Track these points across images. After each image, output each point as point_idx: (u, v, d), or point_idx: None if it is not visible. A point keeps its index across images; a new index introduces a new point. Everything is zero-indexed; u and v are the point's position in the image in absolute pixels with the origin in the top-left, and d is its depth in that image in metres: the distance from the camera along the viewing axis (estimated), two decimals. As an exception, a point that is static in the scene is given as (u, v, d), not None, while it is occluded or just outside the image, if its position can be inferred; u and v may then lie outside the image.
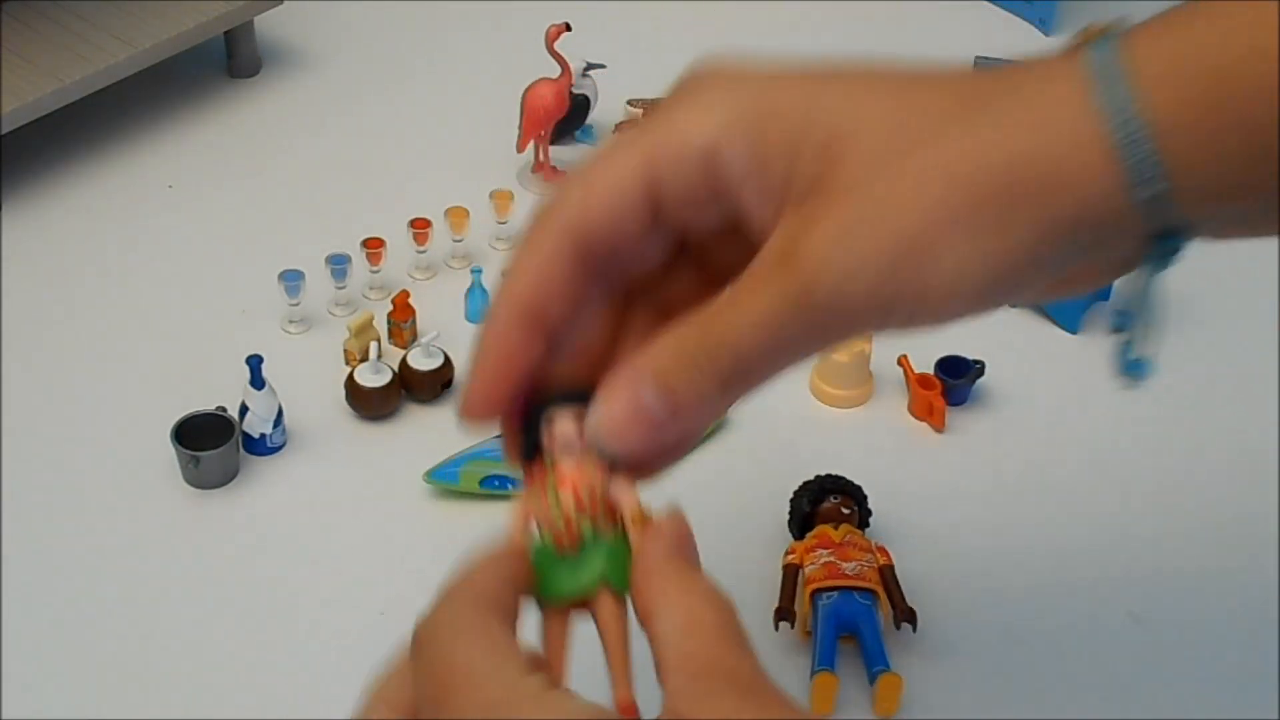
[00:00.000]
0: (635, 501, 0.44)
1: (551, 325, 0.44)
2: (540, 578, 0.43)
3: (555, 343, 0.44)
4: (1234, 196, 0.41)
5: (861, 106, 0.41)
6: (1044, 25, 1.04)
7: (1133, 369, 0.46)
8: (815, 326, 0.41)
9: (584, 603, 0.43)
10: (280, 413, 0.71)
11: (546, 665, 0.42)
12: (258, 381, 0.70)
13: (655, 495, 0.70)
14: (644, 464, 0.45)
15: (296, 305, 0.78)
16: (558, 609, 0.43)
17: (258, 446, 0.71)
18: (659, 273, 0.45)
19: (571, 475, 0.44)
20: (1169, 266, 0.44)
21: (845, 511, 0.66)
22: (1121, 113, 0.39)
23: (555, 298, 0.43)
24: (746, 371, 0.42)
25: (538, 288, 0.43)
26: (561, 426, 0.44)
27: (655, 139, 0.42)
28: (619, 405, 0.43)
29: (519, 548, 0.44)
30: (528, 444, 0.45)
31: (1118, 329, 0.45)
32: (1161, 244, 0.43)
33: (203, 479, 0.70)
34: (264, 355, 0.71)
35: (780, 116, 0.41)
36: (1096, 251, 0.42)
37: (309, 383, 0.75)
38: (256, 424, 0.70)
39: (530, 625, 0.43)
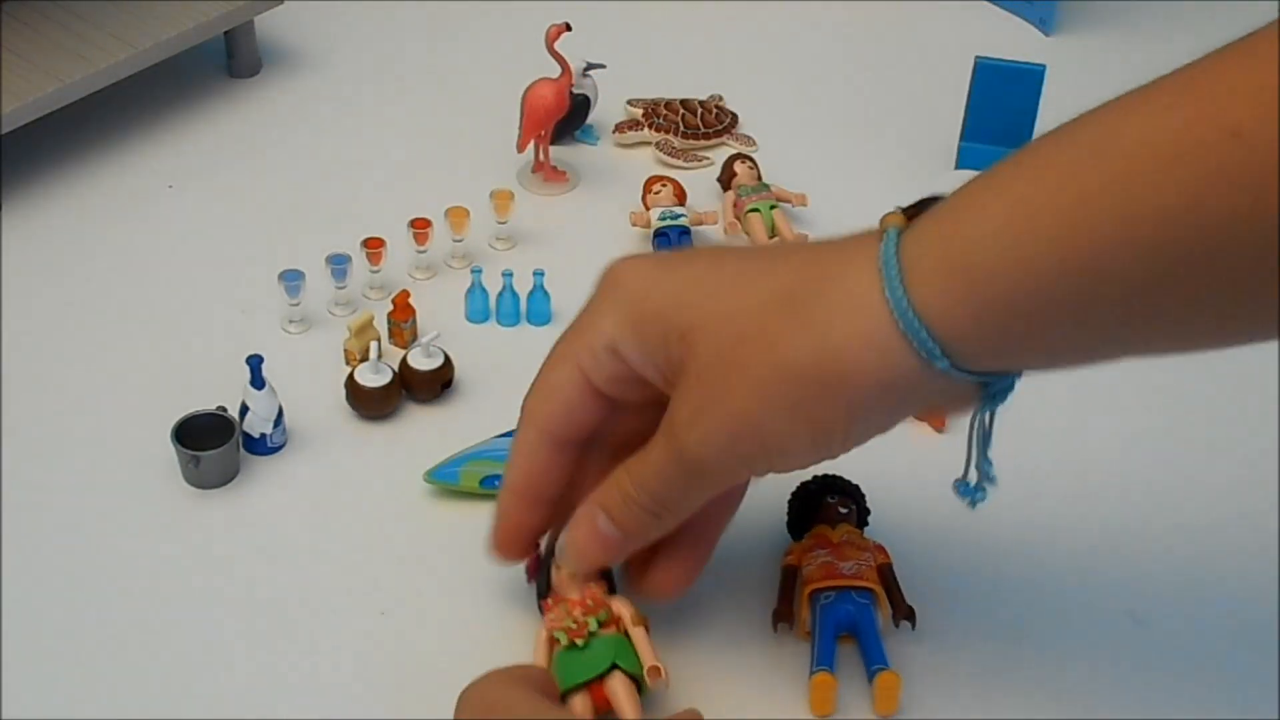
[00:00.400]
0: (633, 610, 0.60)
1: (548, 497, 0.60)
2: (563, 673, 0.58)
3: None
4: (1010, 360, 0.51)
5: (709, 302, 0.52)
6: (1044, 25, 1.04)
7: (968, 493, 0.58)
8: (696, 478, 0.54)
9: (600, 684, 0.58)
10: (280, 413, 0.71)
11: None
12: (258, 381, 0.70)
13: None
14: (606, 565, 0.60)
15: (296, 305, 0.78)
16: (579, 695, 0.58)
17: (258, 446, 0.71)
18: (606, 427, 0.59)
19: (579, 598, 0.60)
20: (1003, 402, 0.54)
21: (843, 511, 0.66)
22: (900, 305, 0.48)
23: (545, 478, 0.59)
24: (666, 508, 0.56)
25: (532, 475, 0.59)
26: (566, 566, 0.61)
27: (578, 345, 0.57)
28: (582, 534, 0.58)
29: (542, 662, 0.59)
30: (541, 586, 0.62)
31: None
32: (986, 387, 0.53)
33: (203, 479, 0.70)
34: (264, 355, 0.71)
35: (653, 317, 0.54)
36: (919, 404, 0.53)
37: (309, 383, 0.75)
38: (256, 424, 0.70)
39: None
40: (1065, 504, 0.71)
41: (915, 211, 0.51)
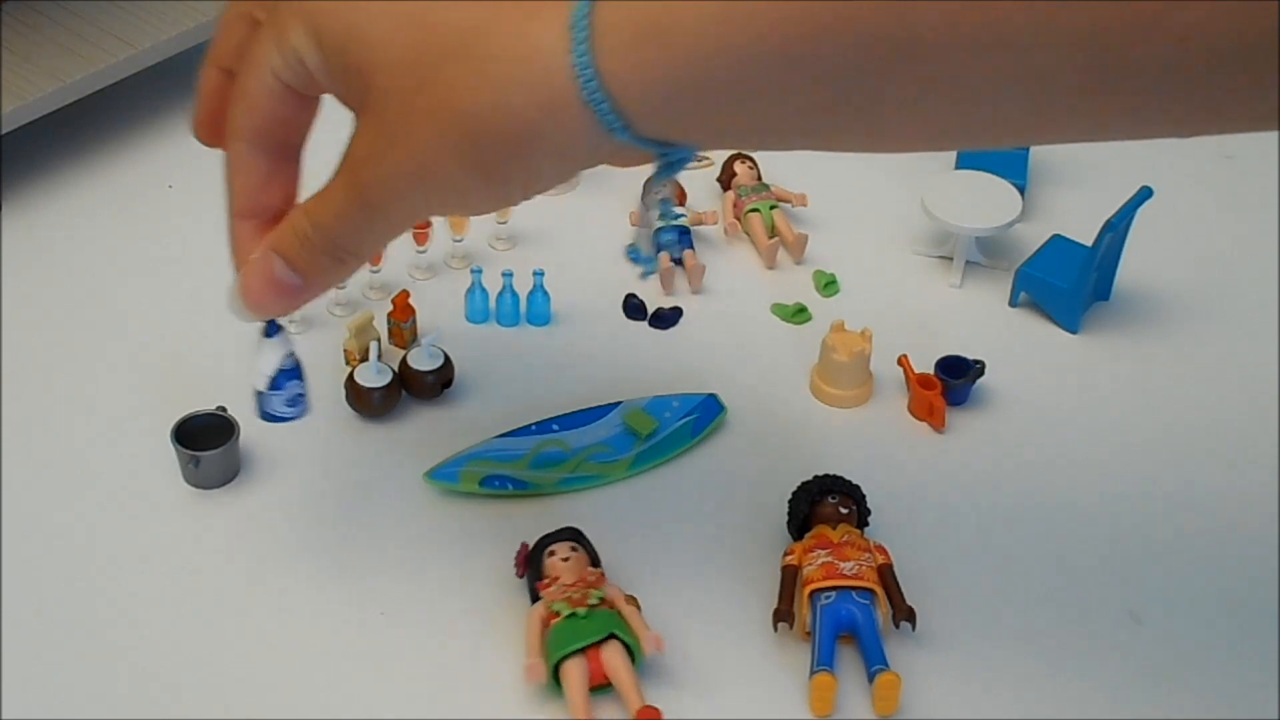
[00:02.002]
0: (621, 593, 0.63)
1: (277, 213, 0.57)
2: (561, 641, 0.60)
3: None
4: (695, 136, 0.49)
5: (389, 37, 0.49)
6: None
7: (640, 260, 0.59)
8: (377, 218, 0.53)
9: (597, 651, 0.60)
10: (290, 375, 0.65)
11: None
12: (272, 329, 0.63)
13: (655, 509, 0.70)
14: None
15: (296, 305, 0.78)
16: (575, 660, 0.60)
17: (263, 407, 0.66)
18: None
19: (572, 578, 0.63)
20: (676, 172, 0.52)
21: (844, 511, 0.66)
22: (585, 74, 0.46)
23: (268, 191, 0.57)
24: (346, 250, 0.54)
25: (254, 191, 0.57)
26: (560, 552, 0.64)
27: (269, 48, 0.53)
28: (256, 280, 0.56)
29: (535, 644, 0.61)
30: (533, 575, 0.64)
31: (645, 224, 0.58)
32: (663, 156, 0.51)
33: (203, 479, 0.70)
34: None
35: (333, 46, 0.51)
36: (599, 161, 0.51)
37: (309, 383, 0.75)
38: (256, 378, 0.64)
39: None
40: (1065, 504, 0.71)
41: None
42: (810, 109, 0.46)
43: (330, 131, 0.57)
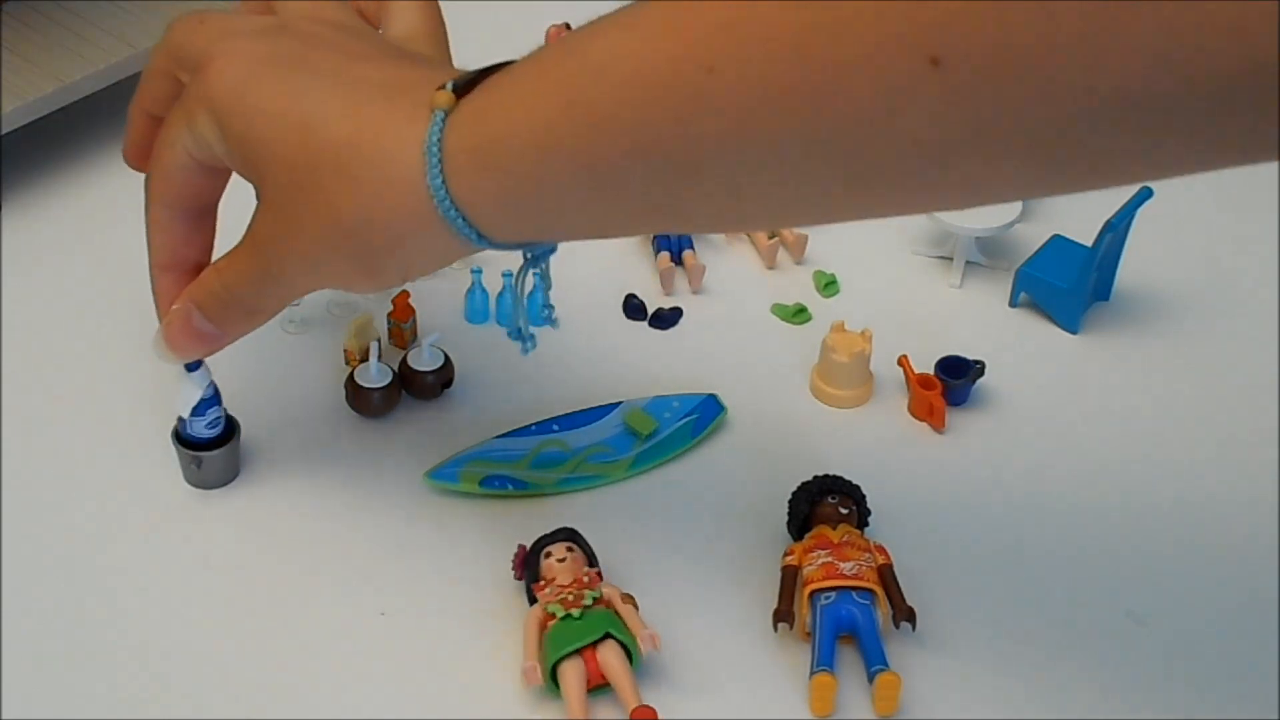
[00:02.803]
0: (618, 591, 0.63)
1: (195, 265, 0.64)
2: (557, 642, 0.60)
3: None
4: (541, 238, 0.58)
5: (276, 145, 0.56)
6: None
7: (519, 338, 0.65)
8: (280, 288, 0.60)
9: (593, 652, 0.60)
10: (207, 404, 0.68)
11: None
12: (193, 364, 0.67)
13: (655, 509, 0.70)
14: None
15: (296, 305, 0.78)
16: (571, 661, 0.60)
17: (187, 429, 0.68)
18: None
19: (568, 579, 0.63)
20: (543, 263, 0.61)
21: (844, 511, 0.66)
22: (439, 194, 0.53)
23: (188, 248, 0.64)
24: (256, 309, 0.62)
25: (175, 249, 0.63)
26: (556, 554, 0.64)
27: (182, 130, 0.59)
28: (177, 328, 0.63)
29: (533, 645, 0.62)
30: (530, 575, 0.64)
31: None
32: (528, 253, 0.60)
33: (204, 479, 0.70)
34: (262, 355, 0.71)
35: (234, 140, 0.57)
36: (469, 254, 0.57)
37: (309, 383, 0.75)
38: (179, 406, 0.68)
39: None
40: (1065, 504, 0.71)
41: (465, 86, 0.54)
42: (633, 214, 0.53)
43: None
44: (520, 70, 0.53)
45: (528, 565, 0.64)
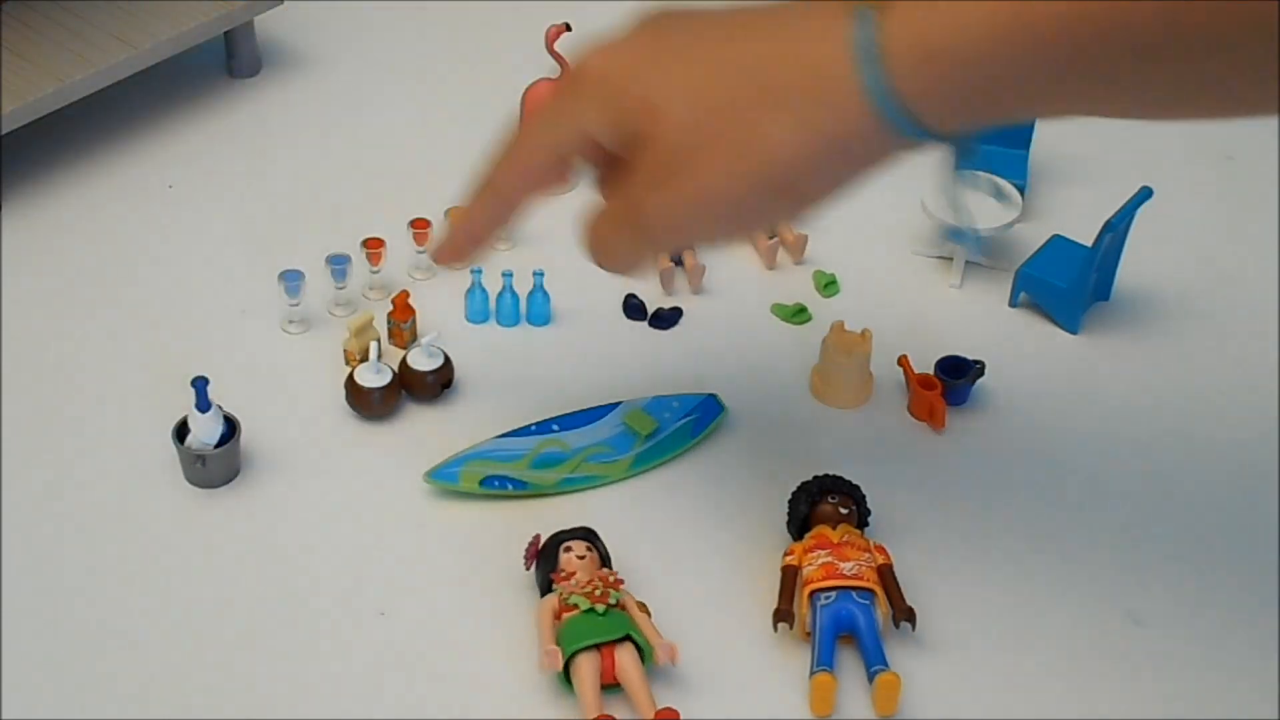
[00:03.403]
0: (634, 599, 0.63)
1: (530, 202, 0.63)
2: (577, 634, 0.60)
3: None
4: (982, 125, 0.54)
5: (676, 77, 0.54)
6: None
7: (962, 238, 0.64)
8: (646, 240, 0.58)
9: (611, 649, 0.60)
10: (226, 439, 0.69)
11: None
12: (203, 404, 0.68)
13: (655, 509, 0.70)
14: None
15: (296, 305, 0.78)
16: (588, 655, 0.60)
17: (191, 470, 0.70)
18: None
19: (586, 576, 0.63)
20: (974, 155, 0.56)
21: (844, 512, 0.66)
22: (881, 94, 0.51)
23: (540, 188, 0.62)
24: (623, 260, 0.60)
25: (533, 185, 0.62)
26: (576, 550, 0.64)
27: (558, 137, 0.59)
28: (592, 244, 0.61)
29: (548, 634, 0.62)
30: (547, 567, 0.64)
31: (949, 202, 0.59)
32: (956, 147, 0.56)
33: (206, 479, 0.70)
34: (262, 355, 0.71)
35: (620, 99, 0.56)
36: (893, 162, 0.55)
37: (309, 383, 0.75)
38: (195, 446, 0.69)
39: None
40: (1065, 504, 0.71)
41: None
42: (1097, 97, 0.51)
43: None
44: None
45: (545, 555, 0.64)
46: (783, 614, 0.63)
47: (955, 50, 0.50)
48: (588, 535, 0.65)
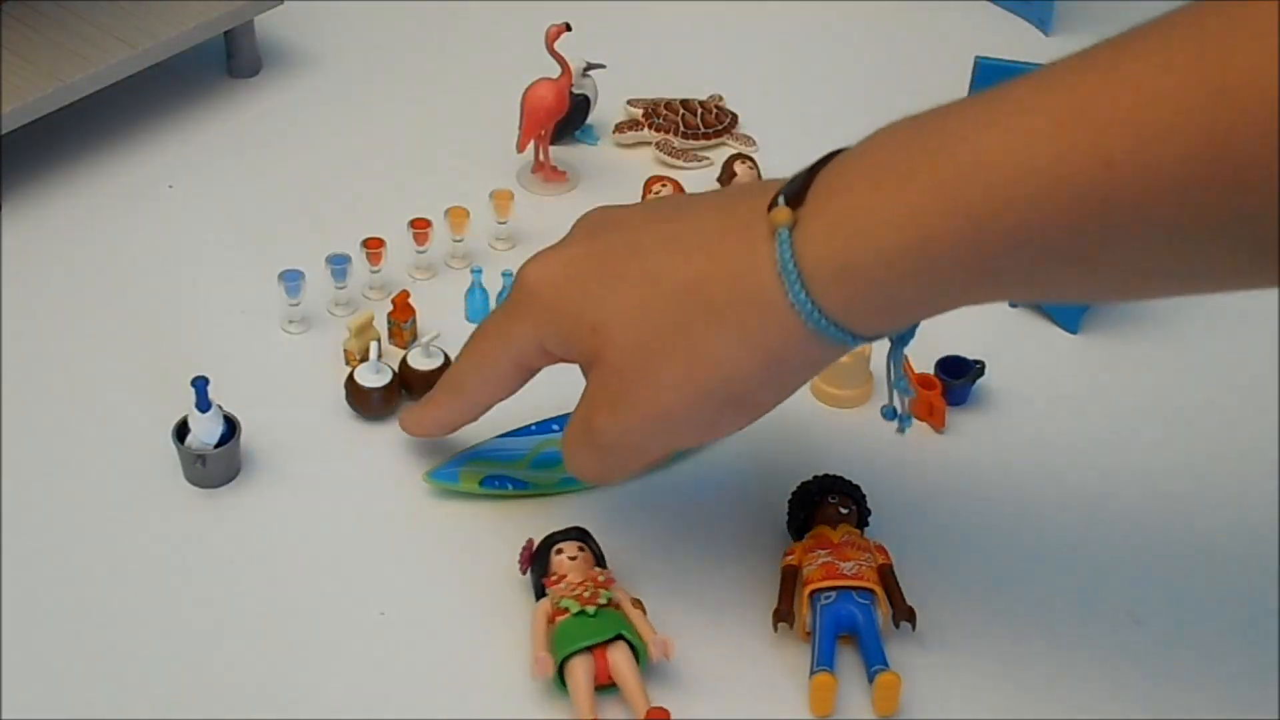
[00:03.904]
0: (628, 595, 0.63)
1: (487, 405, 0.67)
2: (569, 637, 0.60)
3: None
4: (912, 322, 0.57)
5: (619, 297, 0.57)
6: (1043, 25, 1.04)
7: (893, 418, 0.63)
8: (612, 458, 0.60)
9: (603, 650, 0.60)
10: (226, 439, 0.69)
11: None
12: (203, 404, 0.68)
13: (655, 509, 0.70)
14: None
15: (296, 305, 0.78)
16: (581, 657, 0.60)
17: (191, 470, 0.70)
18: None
19: (579, 577, 0.63)
20: (908, 343, 0.60)
21: (844, 511, 0.66)
22: (806, 309, 0.53)
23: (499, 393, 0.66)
24: (592, 476, 0.63)
25: (495, 389, 0.66)
26: (568, 551, 0.64)
27: (509, 346, 0.63)
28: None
29: (541, 639, 0.61)
30: (539, 571, 0.64)
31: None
32: (895, 338, 0.59)
33: (206, 478, 0.70)
34: (262, 355, 0.71)
35: (567, 317, 0.59)
36: (831, 361, 0.57)
37: (309, 383, 0.75)
38: (195, 446, 0.69)
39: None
40: (1065, 504, 0.71)
41: (796, 192, 0.54)
42: (1011, 293, 0.56)
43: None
44: (868, 173, 0.53)
45: (537, 558, 0.64)
46: (783, 614, 0.63)
47: (868, 267, 0.52)
48: (579, 535, 0.65)
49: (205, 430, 0.69)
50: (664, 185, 0.84)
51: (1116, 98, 0.47)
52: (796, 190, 0.54)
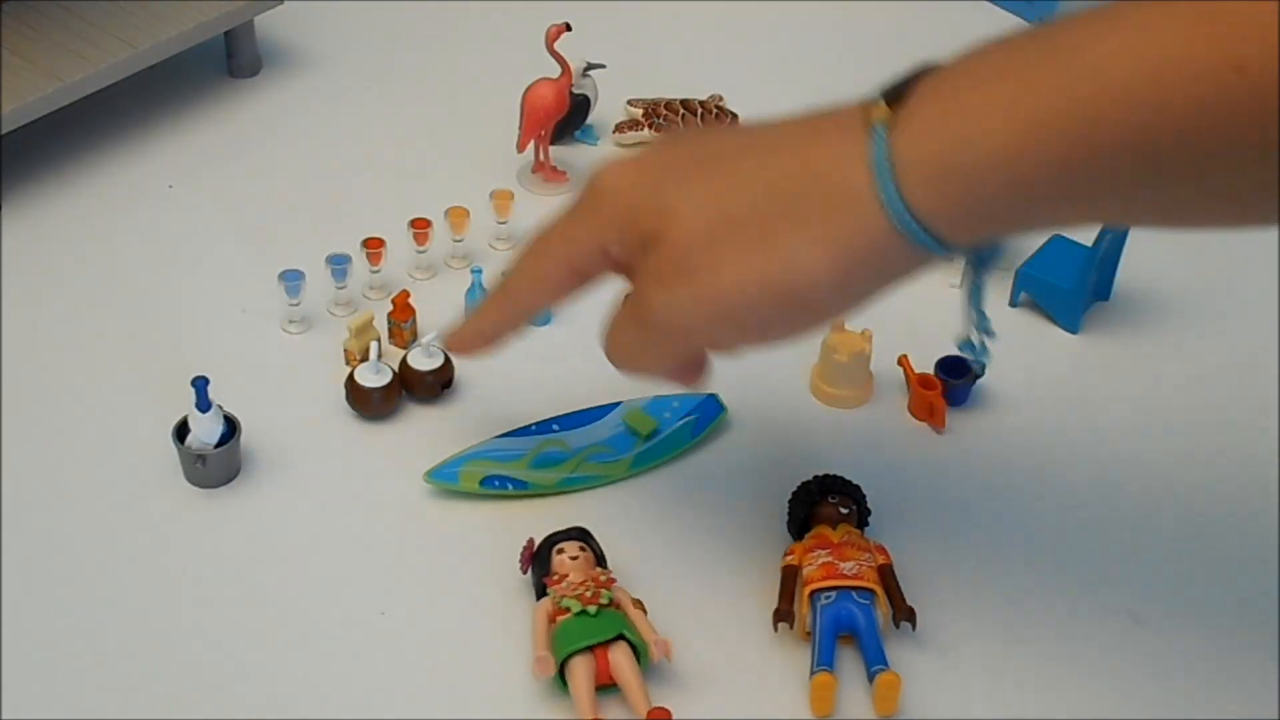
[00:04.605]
0: (629, 596, 0.63)
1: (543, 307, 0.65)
2: (570, 637, 0.60)
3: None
4: (1000, 236, 0.55)
5: (692, 184, 0.54)
6: (1044, 25, 1.04)
7: (971, 351, 0.61)
8: (659, 337, 0.57)
9: (605, 650, 0.60)
10: (226, 439, 0.69)
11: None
12: (203, 404, 0.68)
13: (655, 509, 0.70)
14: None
15: (296, 305, 0.78)
16: (582, 657, 0.60)
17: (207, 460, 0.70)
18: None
19: (580, 577, 0.63)
20: (991, 267, 0.57)
21: (844, 511, 0.66)
22: (896, 209, 0.51)
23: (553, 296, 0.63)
24: (635, 361, 0.60)
25: (547, 295, 0.63)
26: (569, 551, 0.64)
27: (570, 251, 0.60)
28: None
29: (542, 639, 0.61)
30: (540, 571, 0.64)
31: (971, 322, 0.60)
32: (978, 256, 0.57)
33: (206, 478, 0.70)
34: (262, 355, 0.71)
35: (632, 208, 0.56)
36: (910, 276, 0.55)
37: (309, 383, 0.75)
38: (195, 446, 0.69)
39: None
40: (1065, 504, 0.71)
41: (896, 93, 0.52)
42: (1113, 211, 0.53)
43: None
44: (977, 72, 0.51)
45: (538, 558, 0.64)
46: (783, 614, 0.63)
47: (967, 168, 0.50)
48: (580, 535, 0.65)
49: (205, 430, 0.69)
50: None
51: (1250, 5, 0.45)
52: (897, 92, 0.52)
